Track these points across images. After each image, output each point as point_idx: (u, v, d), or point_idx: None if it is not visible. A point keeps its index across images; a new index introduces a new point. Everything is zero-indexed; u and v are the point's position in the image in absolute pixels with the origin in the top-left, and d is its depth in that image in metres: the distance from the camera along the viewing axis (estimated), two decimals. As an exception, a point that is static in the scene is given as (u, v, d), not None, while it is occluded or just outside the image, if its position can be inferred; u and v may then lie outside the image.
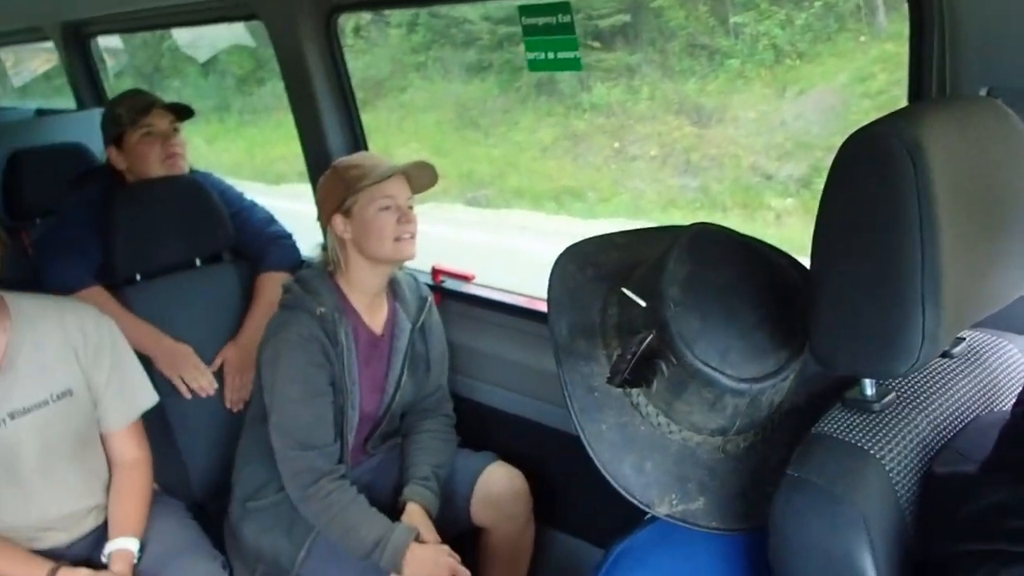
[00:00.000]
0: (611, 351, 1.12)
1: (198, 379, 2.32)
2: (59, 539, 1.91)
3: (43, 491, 1.85)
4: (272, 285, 2.40)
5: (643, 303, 1.06)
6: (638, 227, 1.30)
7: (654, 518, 1.11)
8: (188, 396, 2.30)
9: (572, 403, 1.11)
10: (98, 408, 1.94)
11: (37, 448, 1.83)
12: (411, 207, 2.00)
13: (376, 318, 2.08)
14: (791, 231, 5.87)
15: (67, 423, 1.87)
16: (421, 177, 2.01)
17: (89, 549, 1.93)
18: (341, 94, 2.46)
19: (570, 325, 1.15)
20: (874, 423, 0.99)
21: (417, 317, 2.13)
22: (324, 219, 2.03)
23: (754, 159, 7.14)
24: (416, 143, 9.03)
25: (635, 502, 1.08)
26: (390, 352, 2.09)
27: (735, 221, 6.34)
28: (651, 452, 1.09)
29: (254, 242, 2.55)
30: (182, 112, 2.51)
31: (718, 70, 7.11)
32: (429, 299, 2.18)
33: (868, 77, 6.64)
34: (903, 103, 1.38)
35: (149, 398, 2.03)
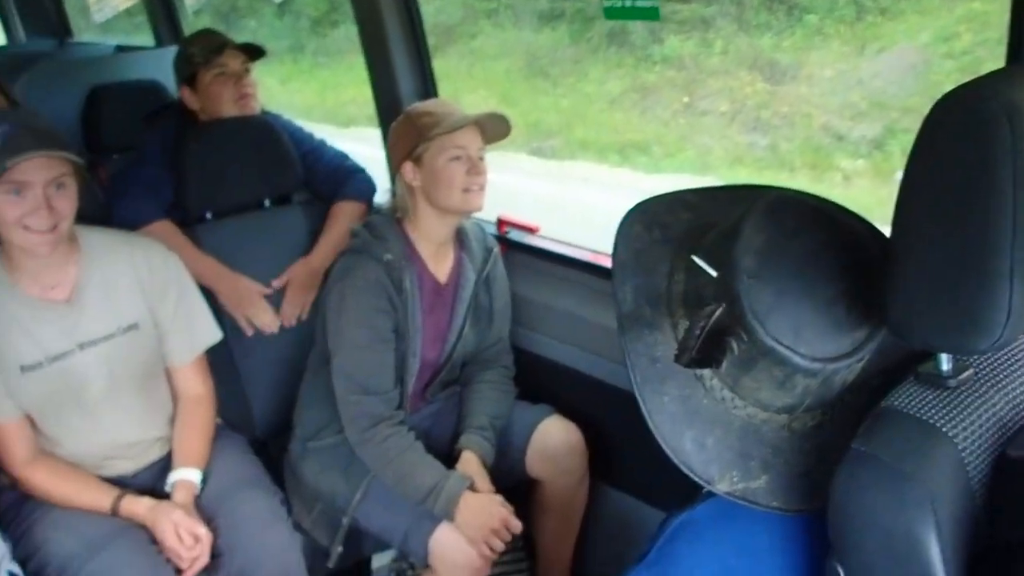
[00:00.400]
0: (676, 320, 1.07)
1: (261, 316, 2.32)
2: (125, 467, 1.95)
3: (110, 420, 1.89)
4: (347, 213, 2.42)
5: (714, 273, 1.00)
6: (710, 185, 1.22)
7: (713, 492, 1.06)
8: (250, 333, 2.30)
9: (634, 372, 1.05)
10: (163, 342, 1.96)
11: (104, 378, 1.86)
12: (482, 158, 1.95)
13: (441, 267, 2.06)
14: (859, 192, 5.67)
15: (133, 355, 1.90)
16: (494, 128, 1.97)
17: (154, 479, 1.96)
18: (413, 39, 2.40)
19: (635, 289, 1.10)
20: (948, 400, 0.93)
21: (482, 268, 2.10)
22: (394, 165, 2.00)
23: (827, 119, 6.91)
24: (484, 91, 8.94)
25: (695, 478, 1.03)
26: (454, 301, 2.07)
27: (802, 181, 6.15)
28: (713, 427, 1.04)
29: (329, 178, 2.52)
30: (254, 52, 2.49)
31: (796, 25, 6.86)
32: (495, 250, 2.15)
33: (952, 37, 6.33)
34: (988, 65, 1.27)
35: (212, 334, 2.04)
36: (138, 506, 1.82)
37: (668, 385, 1.04)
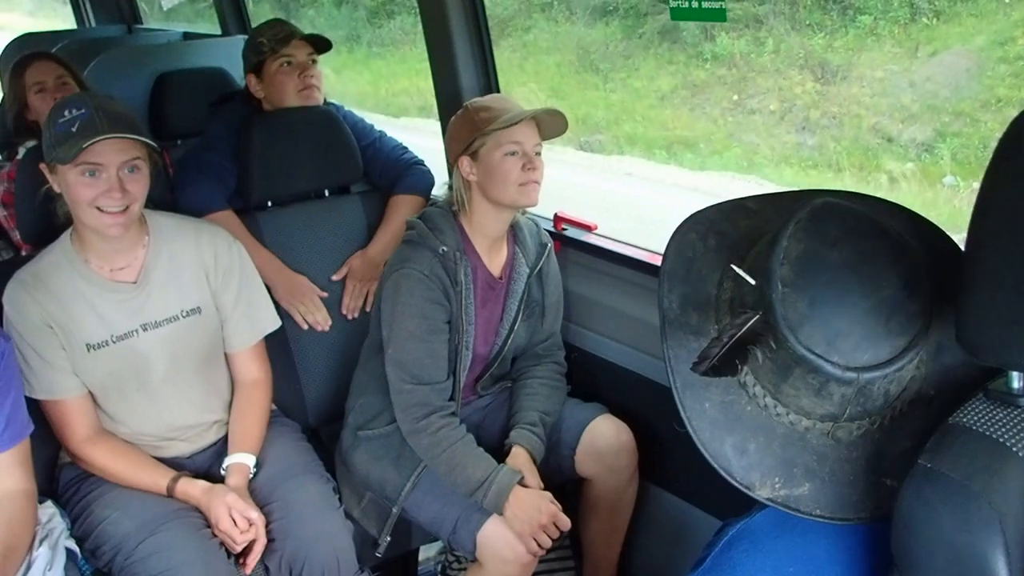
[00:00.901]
0: (721, 327, 1.04)
1: (314, 313, 2.30)
2: (182, 449, 1.95)
3: (169, 401, 1.89)
4: (405, 206, 2.40)
5: (752, 281, 0.98)
6: (772, 191, 1.18)
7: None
8: (304, 327, 2.28)
9: (675, 378, 1.04)
10: (224, 328, 1.96)
11: (166, 360, 1.86)
12: (538, 154, 1.92)
13: (495, 260, 2.03)
14: (903, 195, 5.54)
15: (194, 339, 1.90)
16: (552, 124, 1.93)
17: (209, 461, 1.97)
18: (477, 32, 2.36)
19: (682, 297, 1.08)
20: (1018, 418, 0.88)
21: (536, 263, 2.06)
22: (451, 159, 1.97)
23: (876, 120, 6.76)
24: (535, 84, 8.89)
25: (734, 483, 1.01)
26: (506, 295, 2.04)
27: (848, 183, 6.01)
28: (755, 434, 1.02)
29: (388, 170, 2.50)
30: (320, 44, 2.46)
31: (849, 26, 6.70)
32: (549, 246, 2.11)
33: (1008, 41, 6.16)
34: None
35: (272, 321, 2.04)
36: (193, 488, 1.82)
37: (711, 391, 1.02)
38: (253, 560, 1.78)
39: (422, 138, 2.56)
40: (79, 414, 1.82)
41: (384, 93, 10.10)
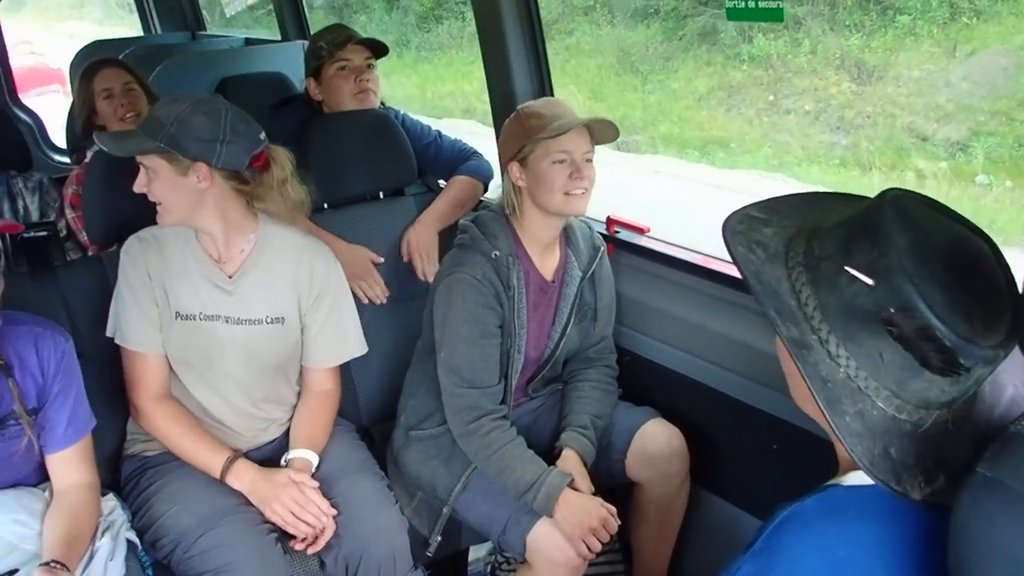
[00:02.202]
0: (822, 336, 0.95)
1: (373, 287, 2.23)
2: (238, 443, 1.89)
3: (231, 393, 1.86)
4: (460, 184, 2.36)
5: (871, 282, 0.91)
6: (769, 197, 1.12)
7: (825, 488, 0.99)
8: (365, 302, 2.21)
9: (818, 399, 0.94)
10: (307, 344, 1.91)
11: (238, 356, 1.83)
12: (589, 161, 1.82)
13: (548, 264, 1.93)
14: (930, 194, 5.32)
15: (271, 345, 1.86)
16: (603, 132, 1.84)
17: (263, 458, 1.90)
18: (531, 34, 2.27)
19: (779, 314, 0.98)
20: None
21: (588, 266, 1.97)
22: (502, 164, 1.89)
23: (911, 119, 6.54)
24: (574, 86, 8.75)
25: (892, 491, 0.93)
26: (558, 299, 1.94)
27: (875, 181, 5.84)
28: (890, 437, 0.94)
29: (450, 163, 2.44)
30: (378, 49, 2.38)
31: (887, 26, 6.47)
32: (602, 249, 2.01)
33: (1047, 40, 5.87)
34: None
35: (359, 348, 1.98)
36: (248, 472, 1.77)
37: (844, 404, 0.94)
38: (321, 543, 1.75)
39: (460, 136, 2.56)
40: (156, 372, 1.81)
41: (430, 96, 10.04)
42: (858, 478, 0.97)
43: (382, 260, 2.26)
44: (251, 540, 1.67)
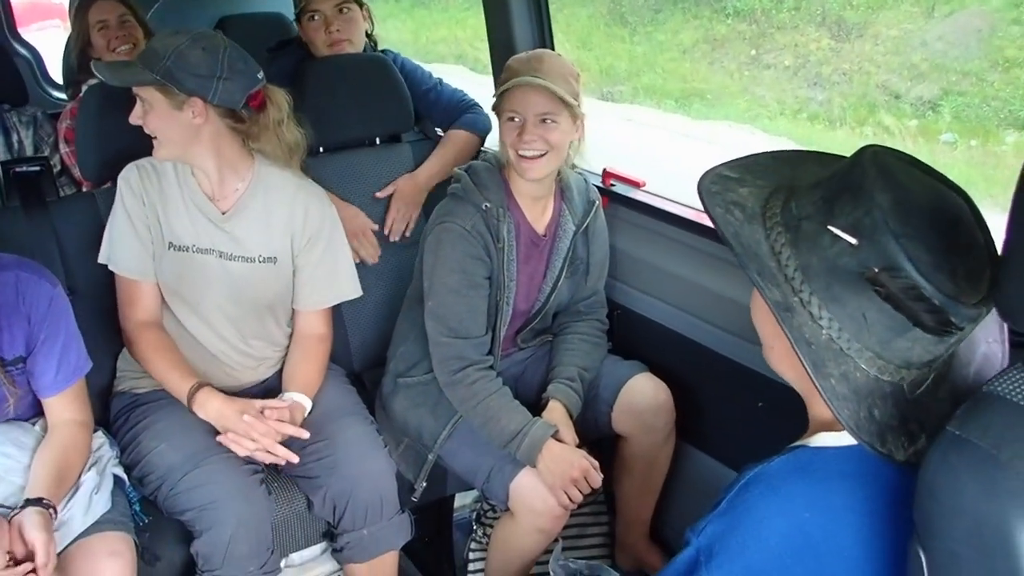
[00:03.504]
0: (804, 298, 0.89)
1: (366, 247, 2.11)
2: (225, 382, 1.80)
3: (217, 326, 1.78)
4: (460, 139, 2.21)
5: (854, 241, 0.85)
6: (733, 158, 1.04)
7: (791, 449, 0.95)
8: (356, 261, 2.06)
9: (806, 362, 0.89)
10: (299, 286, 1.82)
11: (226, 292, 1.75)
12: (546, 121, 1.66)
13: (541, 217, 1.82)
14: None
15: (261, 284, 1.78)
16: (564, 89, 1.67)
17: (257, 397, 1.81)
18: None
19: (760, 276, 0.91)
20: None
21: (582, 220, 1.85)
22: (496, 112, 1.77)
23: (886, 77, 6.35)
24: (562, 35, 8.42)
25: (878, 454, 0.88)
26: (550, 253, 1.84)
27: (842, 135, 5.67)
28: (873, 399, 0.89)
29: (449, 112, 2.28)
30: None
31: (871, -16, 6.24)
32: (597, 203, 1.89)
33: (1023, 2, 5.70)
34: None
35: (352, 290, 1.88)
36: (213, 400, 1.66)
37: (828, 366, 0.89)
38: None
39: (448, 81, 2.41)
40: (147, 298, 1.74)
41: (424, 41, 9.72)
42: (825, 439, 0.93)
43: (376, 227, 2.13)
44: (235, 479, 1.61)
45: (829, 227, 0.87)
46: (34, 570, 1.29)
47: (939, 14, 6.15)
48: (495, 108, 1.73)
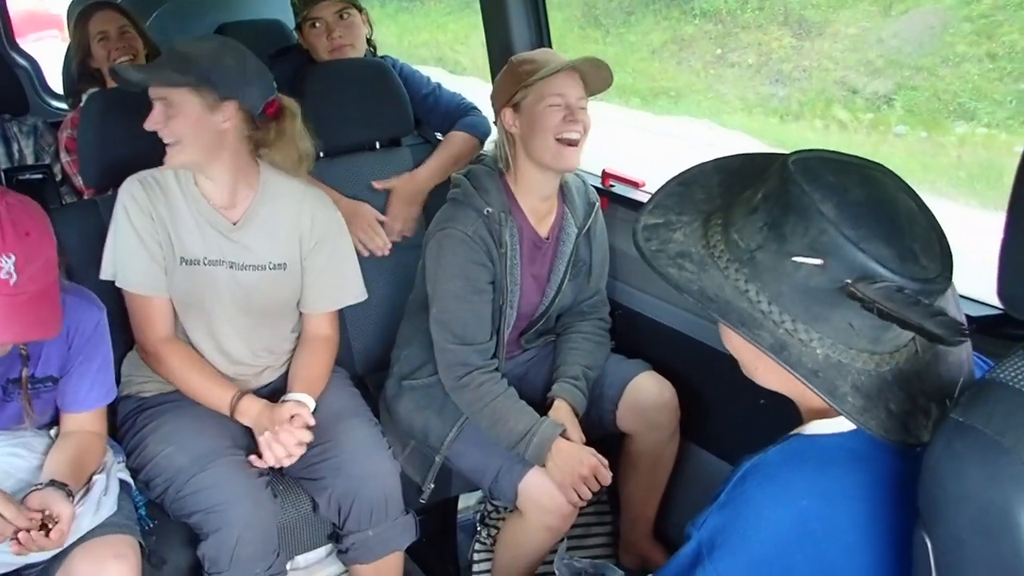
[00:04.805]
0: (787, 328, 0.84)
1: (375, 239, 2.01)
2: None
3: (227, 337, 1.69)
4: (459, 141, 2.11)
5: (819, 262, 0.80)
6: (652, 194, 0.97)
7: (788, 438, 0.90)
8: (365, 254, 2.00)
9: (819, 392, 0.83)
10: (306, 289, 1.74)
11: (237, 301, 1.68)
12: (583, 108, 1.62)
13: (543, 221, 1.74)
14: (852, 142, 5.12)
15: (272, 291, 1.70)
16: (596, 77, 1.63)
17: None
18: None
19: (741, 323, 0.85)
20: None
21: (584, 222, 1.78)
22: (496, 112, 1.69)
23: (844, 73, 6.32)
24: (538, 38, 8.31)
25: (913, 446, 0.83)
26: (554, 256, 1.76)
27: (794, 127, 5.63)
28: (882, 393, 0.84)
29: (448, 116, 2.18)
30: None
31: (832, -16, 6.20)
32: (597, 204, 1.82)
33: (973, 0, 5.66)
34: (1003, 28, 0.94)
35: (358, 294, 1.80)
36: (254, 405, 1.62)
37: (839, 386, 0.84)
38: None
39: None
40: (164, 313, 1.65)
41: (406, 45, 9.58)
42: (819, 427, 0.89)
43: (385, 218, 2.04)
44: (242, 482, 1.55)
45: (792, 258, 0.82)
46: (48, 531, 1.25)
47: (895, 12, 6.12)
48: (514, 104, 1.62)
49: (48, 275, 1.21)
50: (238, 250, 1.66)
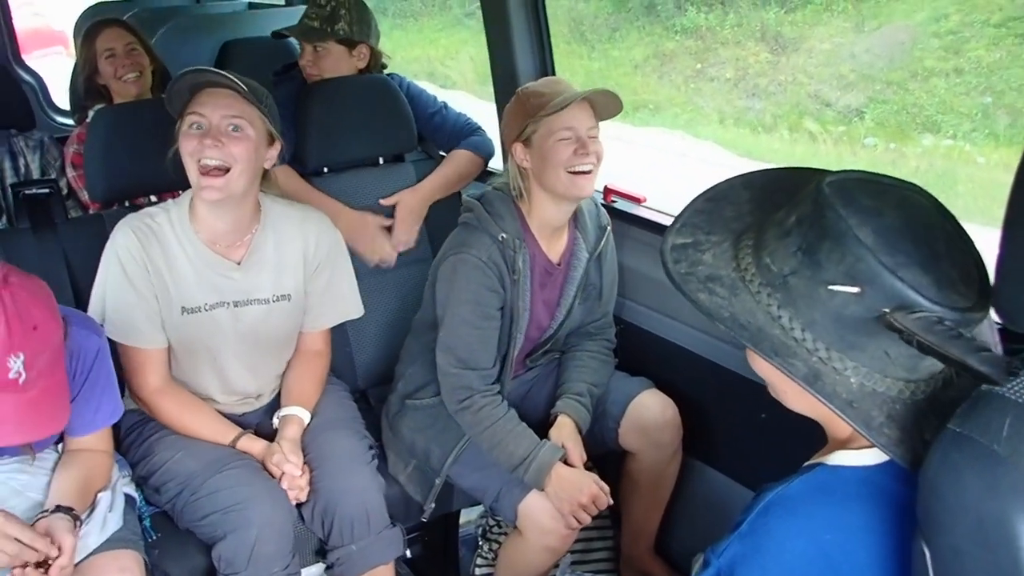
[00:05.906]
0: (821, 356, 0.78)
1: (383, 248, 1.94)
2: (235, 408, 1.69)
3: (233, 372, 1.63)
4: (463, 158, 2.07)
5: (856, 289, 0.75)
6: (680, 212, 0.91)
7: (809, 468, 0.86)
8: (372, 265, 1.95)
9: (854, 424, 0.78)
10: (307, 311, 1.68)
11: (244, 336, 1.61)
12: (593, 137, 1.56)
13: (555, 246, 1.68)
14: (823, 153, 5.18)
15: (277, 322, 1.64)
16: (606, 105, 1.58)
17: (260, 417, 1.71)
18: (535, 15, 1.94)
19: (775, 352, 0.79)
20: None
21: (595, 247, 1.72)
22: (506, 146, 1.65)
23: (818, 87, 6.33)
24: (526, 54, 8.28)
25: (899, 460, 0.79)
26: (564, 281, 1.70)
27: (764, 139, 5.64)
28: (919, 424, 0.79)
29: (453, 135, 2.13)
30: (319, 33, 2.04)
31: (808, 3, 6.18)
32: (608, 228, 1.75)
33: (943, 17, 5.70)
34: (970, 44, 0.90)
35: (355, 310, 1.75)
36: (255, 445, 1.57)
37: (875, 416, 0.79)
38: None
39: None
40: (158, 364, 1.57)
41: (399, 60, 9.46)
42: (843, 458, 0.85)
43: (391, 222, 1.98)
44: (260, 482, 1.50)
45: (828, 286, 0.77)
46: (48, 567, 1.20)
47: (868, 28, 6.12)
48: (524, 138, 1.56)
49: (56, 366, 1.16)
50: (241, 288, 1.58)
